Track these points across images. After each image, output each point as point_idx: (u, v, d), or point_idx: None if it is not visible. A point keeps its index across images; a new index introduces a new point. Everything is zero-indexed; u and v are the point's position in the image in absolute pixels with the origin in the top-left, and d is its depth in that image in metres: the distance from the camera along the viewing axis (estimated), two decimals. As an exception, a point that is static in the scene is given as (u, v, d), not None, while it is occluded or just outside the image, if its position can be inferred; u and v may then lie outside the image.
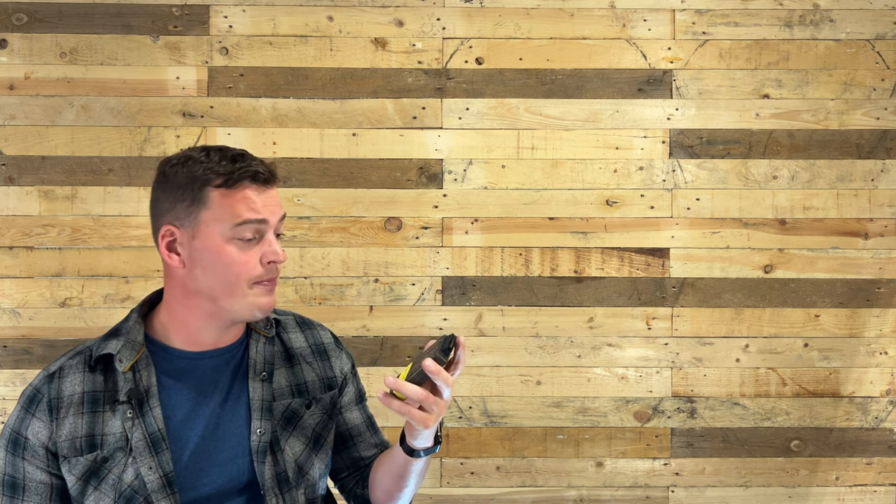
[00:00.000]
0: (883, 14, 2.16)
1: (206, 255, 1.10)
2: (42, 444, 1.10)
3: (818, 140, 2.16)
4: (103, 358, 1.14)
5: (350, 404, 1.30)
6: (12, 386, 2.09)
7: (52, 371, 1.14)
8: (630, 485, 2.14)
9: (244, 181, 1.10)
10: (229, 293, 1.10)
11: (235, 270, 1.09)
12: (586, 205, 2.15)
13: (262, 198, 1.11)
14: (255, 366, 1.18)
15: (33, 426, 1.11)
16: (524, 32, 2.15)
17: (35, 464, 1.10)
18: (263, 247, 1.11)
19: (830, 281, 2.15)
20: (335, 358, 1.28)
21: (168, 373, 1.14)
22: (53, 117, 2.11)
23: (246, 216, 1.09)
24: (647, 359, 2.14)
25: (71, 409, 1.11)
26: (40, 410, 1.11)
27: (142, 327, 1.16)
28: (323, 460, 1.23)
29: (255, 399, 1.16)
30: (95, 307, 2.10)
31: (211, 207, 1.09)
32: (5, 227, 2.10)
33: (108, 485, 1.09)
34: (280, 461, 1.15)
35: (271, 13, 2.13)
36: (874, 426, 2.16)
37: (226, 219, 1.09)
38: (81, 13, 2.12)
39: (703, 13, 2.16)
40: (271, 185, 1.14)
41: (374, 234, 2.13)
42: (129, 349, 1.13)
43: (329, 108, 2.14)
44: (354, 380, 1.32)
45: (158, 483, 1.08)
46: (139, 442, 1.09)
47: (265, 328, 1.23)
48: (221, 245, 1.09)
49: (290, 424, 1.19)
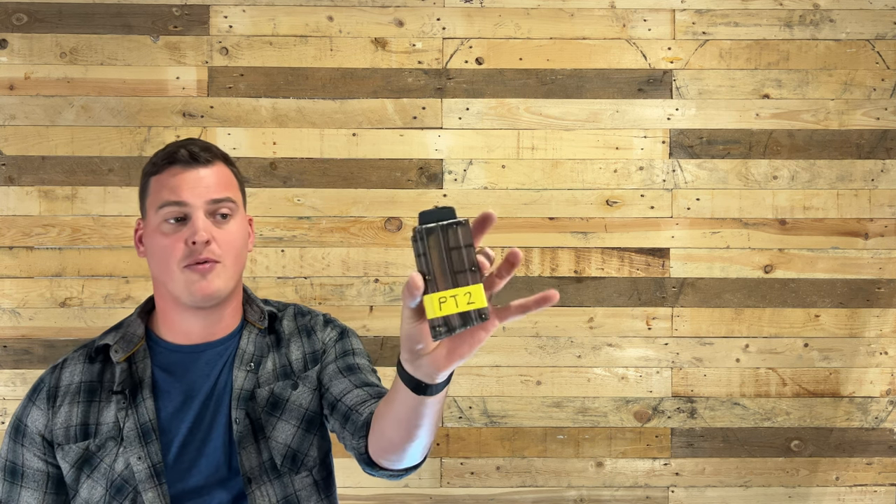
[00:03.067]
0: (883, 14, 2.16)
1: (149, 241, 1.14)
2: (39, 431, 1.13)
3: (818, 140, 2.16)
4: (103, 349, 1.17)
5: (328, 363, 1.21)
6: (12, 386, 2.09)
7: (57, 364, 1.19)
8: (630, 485, 2.15)
9: (167, 164, 1.12)
10: (169, 278, 1.12)
11: (164, 254, 1.11)
12: (586, 205, 2.15)
13: (186, 179, 1.11)
14: (243, 356, 1.18)
15: (33, 414, 1.14)
16: (524, 32, 2.15)
17: (32, 451, 1.13)
18: (189, 228, 1.11)
19: (830, 281, 2.15)
20: (320, 332, 1.25)
21: (163, 366, 1.16)
22: (53, 117, 2.11)
23: (165, 198, 1.11)
24: (647, 359, 2.14)
25: (67, 397, 1.14)
26: (40, 399, 1.15)
27: (142, 322, 1.19)
28: (325, 437, 1.21)
29: (235, 388, 1.15)
30: (95, 307, 2.10)
31: (149, 195, 1.15)
32: (5, 227, 2.10)
33: (99, 473, 1.10)
34: (265, 449, 1.14)
35: (271, 13, 2.13)
36: (874, 426, 2.16)
37: (153, 204, 1.13)
38: (81, 13, 2.12)
39: (703, 13, 2.16)
40: (201, 166, 1.12)
41: (374, 234, 2.13)
42: (127, 341, 1.16)
43: (329, 108, 2.14)
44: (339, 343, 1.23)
45: (146, 473, 1.09)
46: (130, 432, 1.11)
47: (258, 320, 1.22)
48: (154, 230, 1.12)
49: (277, 409, 1.17)
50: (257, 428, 1.15)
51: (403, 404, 0.88)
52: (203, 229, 1.10)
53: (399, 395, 0.87)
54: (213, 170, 1.13)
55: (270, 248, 2.12)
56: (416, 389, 0.84)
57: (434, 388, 0.84)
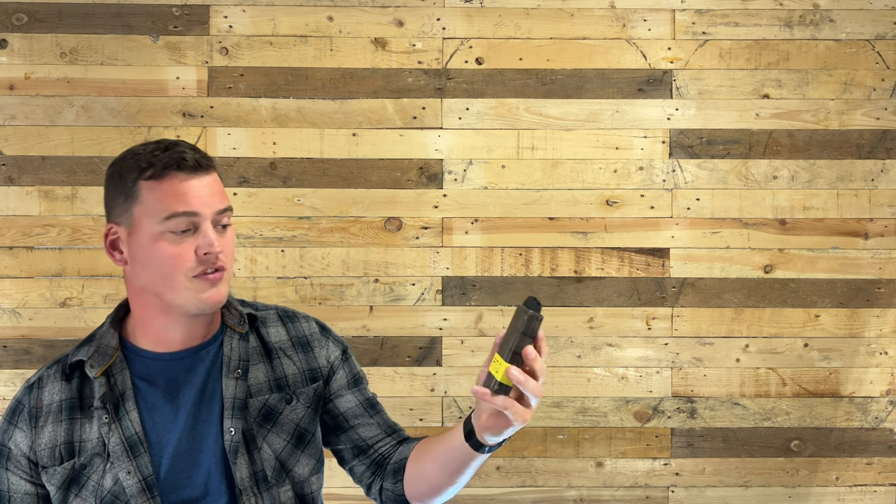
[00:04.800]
0: (883, 14, 2.16)
1: (142, 250, 1.06)
2: (24, 453, 1.10)
3: (818, 140, 2.16)
4: (77, 365, 1.13)
5: (341, 389, 1.22)
6: (12, 386, 2.09)
7: (31, 382, 1.14)
8: (630, 485, 2.15)
9: (170, 170, 1.05)
10: (169, 288, 1.06)
11: (169, 264, 1.05)
12: (586, 205, 2.15)
13: (193, 187, 1.06)
14: (230, 363, 1.14)
15: (15, 436, 1.10)
16: (524, 32, 2.15)
17: (19, 474, 1.10)
18: (198, 238, 1.06)
19: (830, 281, 2.15)
20: (320, 348, 1.22)
21: (142, 376, 1.12)
22: (53, 117, 2.11)
23: (174, 209, 1.04)
24: (647, 359, 2.14)
25: (50, 417, 1.10)
26: (21, 420, 1.11)
27: (115, 332, 1.14)
28: (313, 456, 1.19)
29: (227, 397, 1.12)
30: (95, 307, 2.10)
31: (142, 202, 1.06)
32: (5, 227, 2.10)
33: (88, 491, 1.08)
34: (257, 460, 1.12)
35: (271, 13, 2.13)
36: (874, 426, 2.16)
37: (155, 212, 1.05)
38: (81, 13, 2.12)
39: (703, 13, 2.16)
40: (204, 173, 1.08)
41: (374, 234, 2.13)
42: (101, 354, 1.12)
43: (329, 108, 2.14)
44: (346, 365, 1.24)
45: (137, 487, 1.07)
46: (116, 447, 1.08)
47: (238, 324, 1.17)
48: (154, 240, 1.05)
49: (269, 421, 1.15)
50: (249, 438, 1.13)
51: (457, 455, 1.07)
52: (216, 241, 1.06)
53: (455, 448, 1.06)
54: (214, 177, 1.10)
55: (270, 248, 2.12)
56: (477, 448, 1.04)
57: (487, 448, 1.04)
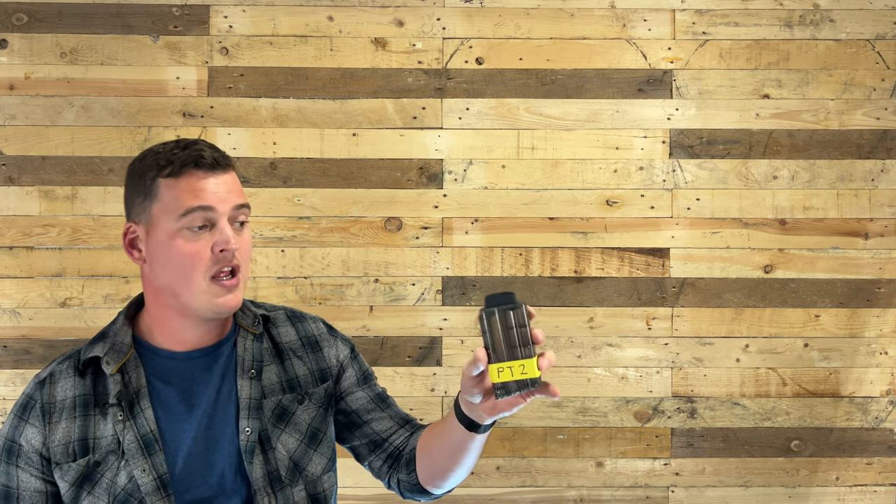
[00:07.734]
0: (883, 14, 2.16)
1: (161, 249, 1.07)
2: (36, 450, 1.09)
3: (818, 140, 2.16)
4: (91, 361, 1.13)
5: (352, 387, 1.25)
6: (12, 386, 2.09)
7: (42, 377, 1.13)
8: (630, 485, 2.15)
9: (188, 168, 1.07)
10: (186, 288, 1.07)
11: (187, 262, 1.06)
12: (586, 205, 2.15)
13: (210, 184, 1.07)
14: (244, 364, 1.16)
15: (27, 433, 1.10)
16: (524, 32, 2.15)
17: (29, 471, 1.09)
18: (215, 235, 1.07)
19: (830, 281, 2.15)
20: (329, 347, 1.24)
21: (157, 374, 1.12)
22: (53, 117, 2.11)
23: (189, 204, 1.05)
24: (647, 359, 2.14)
25: (64, 413, 1.10)
26: (33, 416, 1.10)
27: (129, 329, 1.14)
28: (325, 455, 1.20)
29: (242, 398, 1.13)
30: (95, 307, 2.10)
31: (161, 199, 1.07)
32: (5, 227, 2.10)
33: (101, 489, 1.08)
34: (272, 459, 1.13)
35: (271, 13, 2.13)
36: (874, 426, 2.16)
37: (172, 209, 1.06)
38: (81, 13, 2.12)
39: (703, 13, 2.16)
40: (222, 171, 1.09)
41: (374, 234, 2.13)
42: (117, 352, 1.12)
43: (329, 108, 2.14)
44: (355, 363, 1.26)
45: (153, 485, 1.07)
46: (131, 444, 1.08)
47: (252, 325, 1.19)
48: (172, 237, 1.06)
49: (282, 421, 1.16)
50: (263, 438, 1.14)
51: (455, 438, 1.10)
52: (232, 238, 1.07)
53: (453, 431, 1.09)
54: (232, 175, 1.11)
55: (270, 248, 2.12)
56: (469, 427, 1.07)
57: (482, 428, 1.07)
